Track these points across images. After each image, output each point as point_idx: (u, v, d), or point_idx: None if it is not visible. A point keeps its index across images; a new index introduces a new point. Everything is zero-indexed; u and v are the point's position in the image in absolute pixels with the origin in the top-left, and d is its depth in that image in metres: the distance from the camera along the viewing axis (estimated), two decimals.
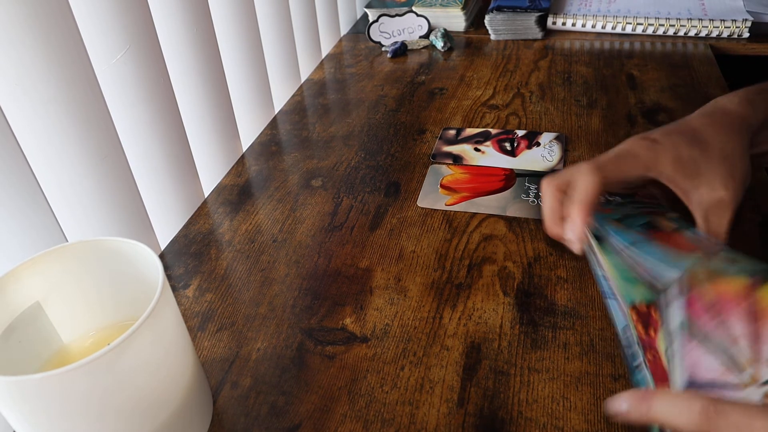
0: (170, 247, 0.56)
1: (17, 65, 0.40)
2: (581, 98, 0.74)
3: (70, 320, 0.39)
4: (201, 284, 0.51)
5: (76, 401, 0.30)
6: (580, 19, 0.92)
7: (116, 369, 0.30)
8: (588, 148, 0.64)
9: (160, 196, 0.57)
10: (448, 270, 0.50)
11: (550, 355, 0.42)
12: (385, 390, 0.41)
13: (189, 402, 0.36)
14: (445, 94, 0.78)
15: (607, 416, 0.38)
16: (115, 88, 0.50)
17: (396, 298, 0.48)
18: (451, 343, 0.43)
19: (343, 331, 0.45)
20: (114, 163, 0.49)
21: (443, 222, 0.55)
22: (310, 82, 0.85)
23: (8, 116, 0.41)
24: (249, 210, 0.60)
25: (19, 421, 0.31)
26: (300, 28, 0.85)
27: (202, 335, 0.46)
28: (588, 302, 0.46)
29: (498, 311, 0.46)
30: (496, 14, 0.92)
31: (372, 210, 0.58)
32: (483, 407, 0.39)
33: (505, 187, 0.59)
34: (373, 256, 0.52)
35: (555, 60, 0.85)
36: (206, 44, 0.61)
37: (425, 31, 0.93)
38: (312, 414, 0.40)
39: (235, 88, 0.70)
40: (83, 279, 0.38)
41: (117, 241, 0.36)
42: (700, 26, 0.86)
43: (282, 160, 0.67)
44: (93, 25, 0.47)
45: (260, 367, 0.43)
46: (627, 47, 0.86)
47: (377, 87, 0.82)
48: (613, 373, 0.40)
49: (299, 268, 0.52)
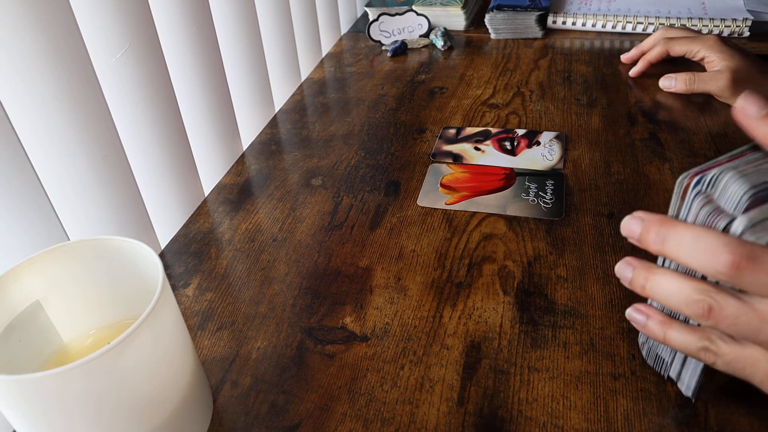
0: (170, 245, 0.56)
1: (18, 63, 0.40)
2: (581, 97, 0.74)
3: (70, 319, 0.39)
4: (201, 283, 0.51)
5: (75, 400, 0.30)
6: (580, 18, 0.92)
7: (116, 368, 0.30)
8: (588, 146, 0.64)
9: (160, 194, 0.57)
10: (448, 269, 0.50)
11: (550, 354, 0.42)
12: (385, 389, 0.41)
13: (189, 401, 0.36)
14: (445, 93, 0.78)
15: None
16: (115, 87, 0.50)
17: (396, 297, 0.48)
18: (451, 342, 0.44)
19: (343, 330, 0.45)
20: (114, 162, 0.49)
21: (443, 221, 0.55)
22: (310, 81, 0.85)
23: (9, 114, 0.41)
24: (249, 209, 0.60)
25: (19, 420, 0.31)
26: (300, 26, 0.85)
27: (202, 334, 0.46)
28: (588, 301, 0.46)
29: (498, 310, 0.46)
30: (496, 13, 0.92)
31: (372, 209, 0.58)
32: (483, 406, 0.39)
33: (505, 186, 0.59)
34: (373, 255, 0.52)
35: (555, 59, 0.85)
36: (206, 43, 0.61)
37: (425, 30, 0.93)
38: (312, 413, 0.40)
39: (236, 86, 0.70)
40: (83, 278, 0.38)
41: (117, 240, 0.36)
42: (700, 25, 0.86)
43: (282, 159, 0.67)
44: (93, 24, 0.47)
45: (260, 366, 0.43)
46: (627, 46, 0.86)
47: (377, 86, 0.82)
48: (613, 372, 0.40)
49: (299, 267, 0.52)
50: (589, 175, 0.60)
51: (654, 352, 0.39)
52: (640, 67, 0.77)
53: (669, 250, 0.31)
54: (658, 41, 0.75)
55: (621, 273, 0.35)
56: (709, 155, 0.61)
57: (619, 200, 0.56)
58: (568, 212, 0.55)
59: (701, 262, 0.30)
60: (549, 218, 0.54)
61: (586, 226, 0.53)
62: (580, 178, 0.59)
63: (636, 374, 0.40)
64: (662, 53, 0.74)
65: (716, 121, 0.67)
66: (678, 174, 0.58)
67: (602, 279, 0.48)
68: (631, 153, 0.62)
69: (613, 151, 0.63)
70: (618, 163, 0.61)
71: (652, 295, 0.33)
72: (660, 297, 0.33)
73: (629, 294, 0.46)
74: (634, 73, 0.77)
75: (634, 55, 0.79)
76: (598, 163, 0.61)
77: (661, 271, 0.33)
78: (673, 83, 0.72)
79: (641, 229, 0.32)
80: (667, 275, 0.33)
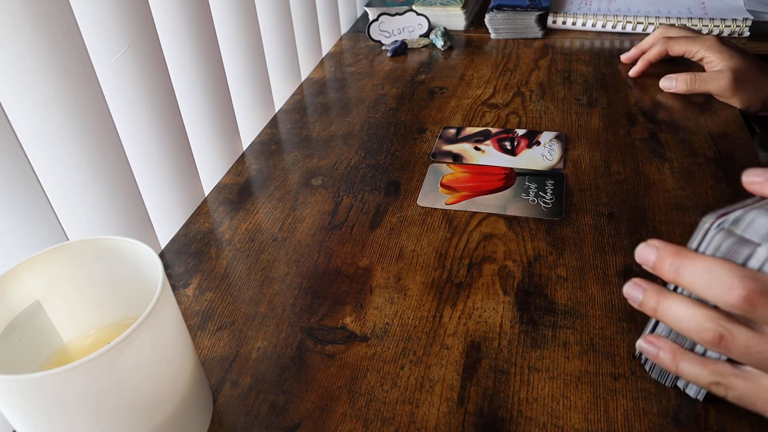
0: (170, 245, 0.56)
1: (18, 63, 0.40)
2: (581, 97, 0.74)
3: (70, 319, 0.39)
4: (201, 283, 0.51)
5: (75, 400, 0.30)
6: (580, 18, 0.92)
7: (116, 368, 0.30)
8: (588, 147, 0.64)
9: (160, 194, 0.57)
10: (448, 269, 0.50)
11: (550, 354, 0.42)
12: (385, 389, 0.41)
13: (189, 401, 0.36)
14: (445, 93, 0.78)
15: (607, 415, 0.38)
16: (115, 87, 0.50)
17: (396, 297, 0.48)
18: (451, 342, 0.43)
19: (343, 330, 0.45)
20: (114, 162, 0.49)
21: (443, 221, 0.55)
22: (310, 80, 0.85)
23: (9, 114, 0.41)
24: (249, 209, 0.60)
25: (19, 420, 0.31)
26: (300, 26, 0.85)
27: (202, 334, 0.46)
28: (588, 301, 0.46)
29: (498, 310, 0.46)
30: (496, 13, 0.92)
31: (372, 209, 0.58)
32: (483, 406, 0.39)
33: (505, 186, 0.59)
34: (373, 255, 0.52)
35: (555, 59, 0.85)
36: (206, 42, 0.61)
37: (425, 30, 0.93)
38: (312, 413, 0.40)
39: (236, 86, 0.70)
40: (83, 278, 0.38)
41: (117, 239, 0.36)
42: (700, 25, 0.86)
43: (282, 159, 0.67)
44: (93, 23, 0.47)
45: (260, 366, 0.43)
46: (627, 46, 0.86)
47: (377, 86, 0.82)
48: (613, 372, 0.40)
49: (299, 267, 0.52)
50: (589, 175, 0.60)
51: (658, 366, 0.39)
52: (640, 66, 0.77)
53: (683, 281, 0.32)
54: (657, 40, 0.75)
55: (631, 294, 0.35)
56: (709, 155, 0.61)
57: (619, 200, 0.56)
58: (568, 212, 0.55)
59: (715, 295, 0.30)
60: (549, 218, 0.54)
61: (586, 226, 0.53)
62: (580, 178, 0.59)
63: (636, 374, 0.40)
64: (661, 53, 0.74)
65: (716, 121, 0.67)
66: (678, 174, 0.58)
67: (602, 279, 0.48)
68: (631, 153, 0.62)
69: (613, 151, 0.63)
70: (618, 163, 0.61)
71: (663, 319, 0.34)
72: (671, 322, 0.33)
73: None
74: (633, 73, 0.77)
75: (634, 54, 0.79)
76: (598, 163, 0.61)
77: (673, 296, 0.33)
78: (674, 84, 0.72)
79: (656, 258, 0.33)
80: (678, 301, 0.33)
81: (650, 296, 0.34)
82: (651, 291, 0.34)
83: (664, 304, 0.33)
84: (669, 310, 0.33)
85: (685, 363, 0.35)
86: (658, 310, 0.34)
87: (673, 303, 0.33)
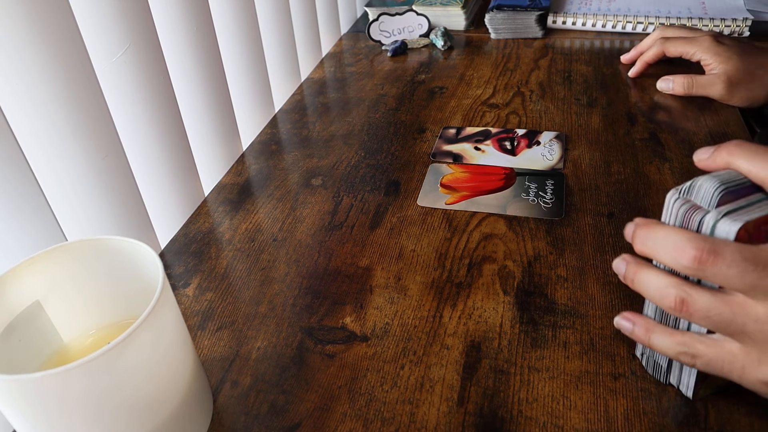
0: (170, 245, 0.56)
1: (18, 63, 0.40)
2: (581, 97, 0.74)
3: (70, 319, 0.39)
4: (201, 283, 0.51)
5: (75, 400, 0.30)
6: (580, 18, 0.92)
7: (116, 368, 0.30)
8: (588, 146, 0.64)
9: (160, 194, 0.57)
10: (448, 269, 0.50)
11: (550, 354, 0.42)
12: (385, 389, 0.41)
13: (189, 401, 0.36)
14: (445, 93, 0.78)
15: (608, 414, 0.38)
16: (115, 87, 0.50)
17: (396, 297, 0.48)
18: (451, 342, 0.43)
19: (343, 330, 0.45)
20: (114, 162, 0.49)
21: (443, 221, 0.55)
22: (310, 80, 0.85)
23: (7, 115, 0.40)
24: (249, 209, 0.60)
25: (19, 420, 0.31)
26: (300, 26, 0.85)
27: (202, 334, 0.46)
28: (588, 301, 0.46)
29: (498, 310, 0.46)
30: (496, 13, 0.92)
31: (372, 209, 0.58)
32: (483, 406, 0.39)
33: (505, 186, 0.59)
34: (373, 255, 0.52)
35: (555, 59, 0.85)
36: (206, 43, 0.61)
37: (425, 29, 0.93)
38: (312, 413, 0.40)
39: (235, 86, 0.70)
40: (83, 278, 0.38)
41: (117, 239, 0.36)
42: (700, 25, 0.86)
43: (282, 159, 0.67)
44: (93, 24, 0.47)
45: (260, 366, 0.43)
46: (627, 46, 0.86)
47: (377, 86, 0.82)
48: (613, 371, 0.40)
49: (299, 267, 0.52)
50: (589, 175, 0.60)
51: (652, 360, 0.39)
52: (638, 68, 0.77)
53: (647, 249, 0.34)
54: (654, 41, 0.75)
55: (616, 268, 0.37)
56: None
57: (619, 200, 0.56)
58: (568, 212, 0.55)
59: (671, 259, 0.32)
60: (549, 218, 0.54)
61: (586, 226, 0.53)
62: (580, 178, 0.59)
63: (636, 374, 0.40)
64: (658, 54, 0.74)
65: (716, 120, 0.67)
66: (678, 174, 0.58)
67: (602, 279, 0.48)
68: (631, 153, 0.62)
69: (613, 151, 0.63)
70: (618, 163, 0.61)
71: (637, 288, 0.36)
72: (643, 290, 0.36)
73: (629, 294, 0.46)
74: (632, 74, 0.77)
75: (633, 56, 0.79)
76: (598, 163, 0.61)
77: (648, 267, 0.35)
78: (671, 86, 0.72)
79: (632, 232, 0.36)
80: (651, 271, 0.35)
81: (630, 268, 0.36)
82: (631, 263, 0.36)
83: (640, 273, 0.35)
84: (641, 280, 0.35)
85: (655, 335, 0.36)
86: (635, 281, 0.36)
87: (645, 272, 0.35)
